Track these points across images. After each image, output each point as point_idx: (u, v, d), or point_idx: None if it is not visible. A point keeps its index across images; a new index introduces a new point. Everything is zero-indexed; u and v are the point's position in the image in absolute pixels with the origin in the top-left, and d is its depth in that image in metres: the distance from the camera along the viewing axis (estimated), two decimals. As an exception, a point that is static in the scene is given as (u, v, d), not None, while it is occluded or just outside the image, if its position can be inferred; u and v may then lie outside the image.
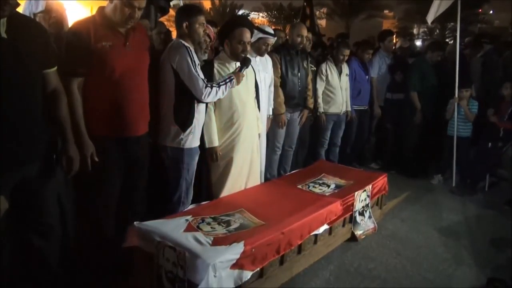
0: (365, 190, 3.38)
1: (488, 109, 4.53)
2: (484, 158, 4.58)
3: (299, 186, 3.36)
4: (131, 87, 2.36)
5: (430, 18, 4.77)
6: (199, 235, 2.31)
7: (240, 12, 27.19)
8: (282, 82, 3.90)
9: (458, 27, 4.76)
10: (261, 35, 3.43)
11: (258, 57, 3.51)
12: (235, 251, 2.19)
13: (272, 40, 3.53)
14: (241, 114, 3.08)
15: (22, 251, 2.03)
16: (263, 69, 3.56)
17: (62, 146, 2.06)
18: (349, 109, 4.76)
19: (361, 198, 3.34)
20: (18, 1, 1.82)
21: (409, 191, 4.51)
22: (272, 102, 3.79)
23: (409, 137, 5.10)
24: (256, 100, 3.31)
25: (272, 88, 3.77)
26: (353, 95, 4.83)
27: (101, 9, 2.33)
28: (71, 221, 2.35)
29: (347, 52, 4.59)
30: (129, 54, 2.34)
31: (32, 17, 2.35)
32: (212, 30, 3.22)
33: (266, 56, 3.65)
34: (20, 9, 2.09)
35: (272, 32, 3.59)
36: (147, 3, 3.37)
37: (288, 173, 4.04)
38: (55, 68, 2.04)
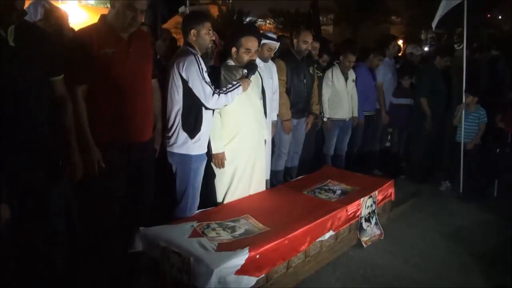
0: (371, 196, 3.36)
1: (496, 115, 4.50)
2: (492, 164, 4.54)
3: (305, 192, 3.36)
4: (134, 93, 2.38)
5: (434, 22, 4.75)
6: (204, 240, 2.32)
7: (248, 19, 27.32)
8: (288, 88, 3.91)
9: (464, 32, 4.74)
10: (264, 40, 3.44)
11: (263, 63, 3.51)
12: (240, 257, 2.19)
13: (275, 45, 3.55)
14: (248, 120, 3.09)
15: (28, 256, 2.05)
16: (267, 75, 3.57)
17: (66, 153, 2.08)
18: (356, 115, 4.76)
19: (367, 204, 3.32)
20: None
21: (416, 197, 4.47)
22: (277, 108, 3.80)
23: (418, 143, 5.07)
24: (263, 106, 3.32)
25: (277, 94, 3.78)
26: (361, 101, 4.83)
27: (103, 17, 2.36)
28: (79, 226, 2.39)
29: (353, 58, 4.59)
30: (132, 60, 2.36)
31: None
32: (217, 36, 3.25)
33: (270, 62, 3.67)
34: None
35: (275, 37, 3.60)
36: (153, 11, 3.42)
37: (294, 179, 4.04)
38: (62, 76, 2.08)
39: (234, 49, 3.01)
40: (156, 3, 3.40)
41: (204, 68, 2.71)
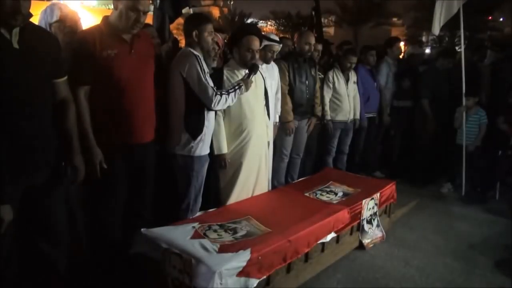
0: (373, 198, 3.36)
1: (498, 117, 4.49)
2: (494, 166, 4.53)
3: (306, 194, 3.35)
4: (136, 95, 2.38)
5: (435, 29, 4.77)
6: (205, 242, 2.31)
7: (249, 21, 27.41)
8: (290, 90, 3.92)
9: (462, 35, 4.77)
10: (266, 42, 3.45)
11: (265, 65, 3.52)
12: (242, 258, 2.18)
13: (277, 47, 3.56)
14: (251, 121, 3.09)
15: (30, 258, 2.05)
16: (269, 76, 3.57)
17: (67, 155, 2.08)
18: (357, 117, 4.74)
19: (369, 206, 3.32)
20: (32, 12, 1.86)
21: (418, 200, 4.46)
22: (278, 109, 3.80)
23: (419, 145, 5.06)
24: (266, 108, 3.31)
25: (279, 95, 3.78)
26: (362, 103, 4.81)
27: (106, 18, 2.36)
28: (81, 227, 2.39)
29: (354, 59, 4.58)
30: (134, 62, 2.36)
31: (48, 27, 2.39)
32: (220, 38, 3.25)
33: (272, 63, 3.68)
34: (35, 19, 2.14)
35: (277, 39, 3.61)
36: (161, 13, 3.42)
37: (296, 181, 4.03)
38: (65, 77, 2.08)
39: (236, 49, 3.01)
40: (163, 5, 3.39)
41: (206, 70, 2.71)
